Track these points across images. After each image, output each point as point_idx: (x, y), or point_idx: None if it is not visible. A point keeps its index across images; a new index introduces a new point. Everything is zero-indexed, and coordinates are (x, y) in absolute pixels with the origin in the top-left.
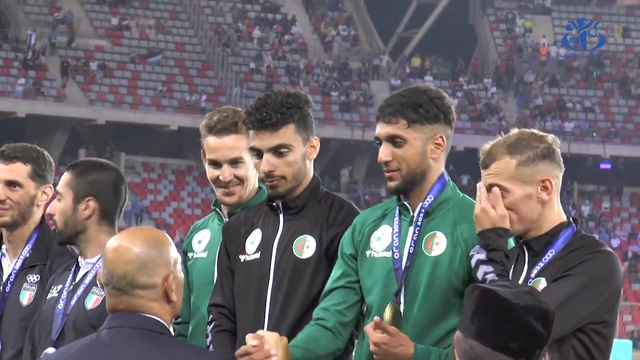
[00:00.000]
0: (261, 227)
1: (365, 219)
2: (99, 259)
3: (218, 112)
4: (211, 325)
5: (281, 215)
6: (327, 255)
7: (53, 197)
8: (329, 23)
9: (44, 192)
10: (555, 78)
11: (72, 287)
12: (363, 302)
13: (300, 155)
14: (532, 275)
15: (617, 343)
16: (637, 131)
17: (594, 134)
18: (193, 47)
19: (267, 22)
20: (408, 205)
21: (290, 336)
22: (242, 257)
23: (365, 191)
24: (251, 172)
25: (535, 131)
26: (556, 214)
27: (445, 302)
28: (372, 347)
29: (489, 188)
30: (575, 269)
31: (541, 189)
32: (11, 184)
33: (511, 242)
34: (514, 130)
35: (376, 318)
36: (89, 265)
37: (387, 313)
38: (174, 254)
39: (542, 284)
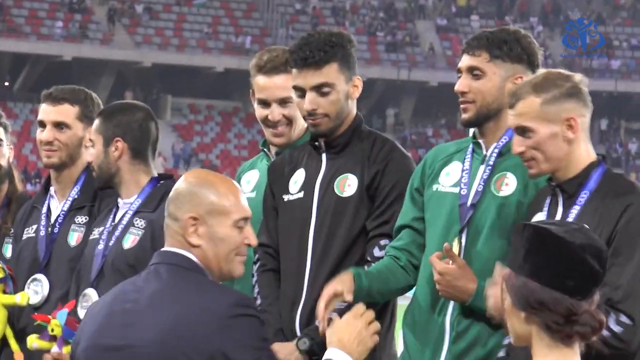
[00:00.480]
0: (304, 167)
1: (437, 154)
2: (136, 198)
3: (268, 51)
4: (257, 265)
5: (324, 154)
6: (368, 193)
7: None
8: None
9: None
10: (602, 16)
11: (111, 227)
12: None
13: (343, 94)
14: (569, 219)
15: None
16: None
17: None
18: None
19: None
20: (482, 144)
21: (333, 273)
22: (285, 197)
23: (411, 131)
24: (299, 112)
25: (562, 71)
26: (585, 154)
27: (509, 242)
28: (436, 277)
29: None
30: (624, 236)
31: (566, 128)
32: (59, 125)
33: (542, 181)
34: (541, 71)
35: (446, 245)
36: (126, 205)
37: (455, 247)
38: (221, 204)
39: None
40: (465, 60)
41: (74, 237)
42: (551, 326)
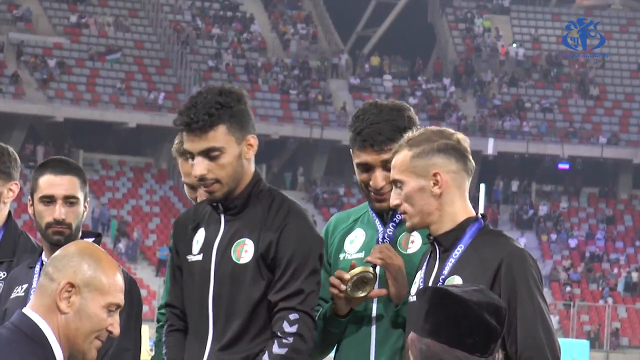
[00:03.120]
0: (205, 227)
1: (337, 224)
2: None
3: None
4: (165, 325)
5: (222, 216)
6: (264, 261)
7: (19, 194)
8: (287, 21)
9: (9, 189)
10: (514, 78)
11: None
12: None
13: (234, 156)
14: (445, 271)
15: (574, 343)
16: (595, 131)
17: (553, 134)
18: (152, 44)
19: (226, 20)
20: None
21: (237, 341)
22: (189, 257)
23: (323, 190)
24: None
25: (442, 128)
26: (460, 210)
27: None
28: (377, 255)
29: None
30: (519, 286)
31: (433, 183)
32: None
33: (422, 236)
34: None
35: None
36: None
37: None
38: (102, 281)
39: (456, 281)
40: (375, 156)
41: None
42: None
